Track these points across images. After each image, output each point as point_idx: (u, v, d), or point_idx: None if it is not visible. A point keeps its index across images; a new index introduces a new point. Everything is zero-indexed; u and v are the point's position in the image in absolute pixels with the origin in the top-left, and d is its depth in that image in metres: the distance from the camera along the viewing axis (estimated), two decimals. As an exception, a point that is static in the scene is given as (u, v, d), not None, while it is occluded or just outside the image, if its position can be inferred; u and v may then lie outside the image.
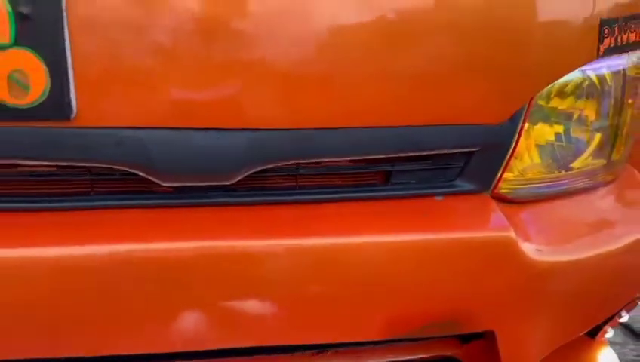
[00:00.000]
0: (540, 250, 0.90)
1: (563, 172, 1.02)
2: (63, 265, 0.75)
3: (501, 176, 0.95)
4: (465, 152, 0.92)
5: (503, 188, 0.97)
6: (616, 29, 0.96)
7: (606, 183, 1.09)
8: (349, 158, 0.88)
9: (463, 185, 0.95)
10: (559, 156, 1.01)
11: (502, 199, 0.97)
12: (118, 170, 0.79)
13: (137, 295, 0.77)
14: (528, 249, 0.89)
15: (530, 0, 0.86)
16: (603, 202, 1.06)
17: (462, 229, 0.88)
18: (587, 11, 0.92)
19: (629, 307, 1.14)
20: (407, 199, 0.93)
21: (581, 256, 0.95)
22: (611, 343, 1.29)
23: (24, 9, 0.68)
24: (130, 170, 0.79)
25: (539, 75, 0.90)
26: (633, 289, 1.07)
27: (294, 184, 0.88)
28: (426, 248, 0.86)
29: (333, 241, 0.81)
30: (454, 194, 0.94)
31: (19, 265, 0.74)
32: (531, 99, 0.92)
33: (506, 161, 0.95)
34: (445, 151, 0.91)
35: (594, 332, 1.18)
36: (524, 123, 0.93)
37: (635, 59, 1.03)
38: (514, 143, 0.94)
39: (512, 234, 0.88)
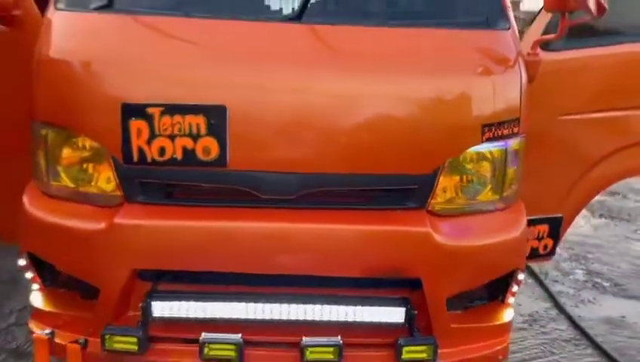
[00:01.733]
0: (444, 239, 1.81)
1: (471, 201, 1.92)
2: (228, 229, 1.77)
3: (429, 201, 1.87)
4: (410, 188, 1.85)
5: (434, 207, 1.89)
6: (493, 128, 1.87)
7: (499, 209, 1.97)
8: (349, 188, 1.85)
9: (410, 204, 1.87)
10: (469, 192, 1.92)
11: (433, 213, 1.89)
12: (245, 190, 1.79)
13: (256, 246, 1.77)
14: (438, 238, 1.81)
15: (444, 111, 1.81)
16: (493, 219, 1.95)
17: (404, 225, 1.81)
18: (475, 121, 1.84)
19: (516, 282, 1.99)
20: (380, 210, 1.87)
21: (470, 243, 1.85)
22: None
23: (212, 120, 1.71)
24: (250, 190, 1.78)
25: (445, 151, 1.83)
26: (503, 265, 1.94)
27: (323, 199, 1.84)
28: (386, 234, 1.80)
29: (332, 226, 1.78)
30: (404, 209, 1.87)
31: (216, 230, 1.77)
32: (444, 162, 1.84)
33: (432, 194, 1.86)
34: (401, 187, 1.85)
35: (502, 298, 2.04)
36: (440, 174, 1.85)
37: (511, 143, 1.92)
38: (436, 184, 1.86)
39: (429, 229, 1.80)
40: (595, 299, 3.11)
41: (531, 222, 2.42)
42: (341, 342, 1.83)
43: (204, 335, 1.82)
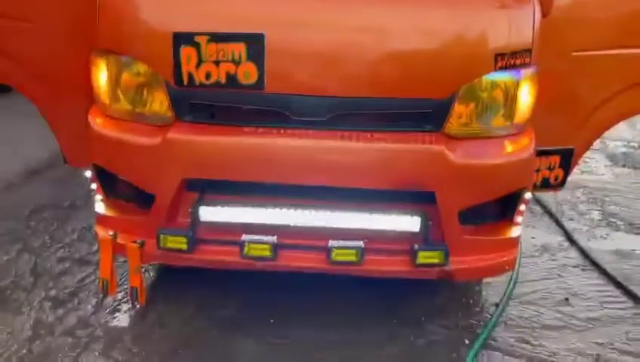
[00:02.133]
0: (457, 158, 2.03)
1: (484, 126, 2.12)
2: (265, 144, 2.02)
3: (445, 125, 2.08)
4: (428, 112, 2.06)
5: (449, 130, 2.09)
6: (506, 57, 2.05)
7: (511, 134, 2.16)
8: (373, 111, 2.07)
9: (428, 127, 2.08)
10: (482, 117, 2.12)
11: (449, 136, 2.10)
12: (279, 111, 2.03)
13: (288, 160, 2.02)
14: (451, 156, 2.02)
15: (458, 41, 1.99)
16: (504, 143, 2.14)
17: (421, 144, 2.03)
18: (488, 50, 2.02)
19: (523, 201, 2.20)
20: (401, 132, 2.09)
21: (480, 162, 2.06)
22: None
23: (251, 47, 1.94)
24: (283, 111, 2.02)
25: (460, 78, 2.02)
26: (511, 184, 2.14)
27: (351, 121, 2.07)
28: (405, 152, 2.02)
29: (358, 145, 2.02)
30: (423, 131, 2.08)
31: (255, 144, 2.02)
32: (459, 88, 2.04)
33: (448, 118, 2.07)
34: (420, 110, 2.06)
35: (511, 216, 2.25)
36: (456, 100, 2.05)
37: (523, 73, 2.10)
38: (452, 108, 2.06)
39: (443, 148, 2.01)
40: (607, 235, 3.28)
41: (543, 153, 2.61)
42: (363, 245, 2.09)
43: (244, 236, 2.10)
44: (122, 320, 2.35)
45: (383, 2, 2.03)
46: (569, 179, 3.90)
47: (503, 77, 2.09)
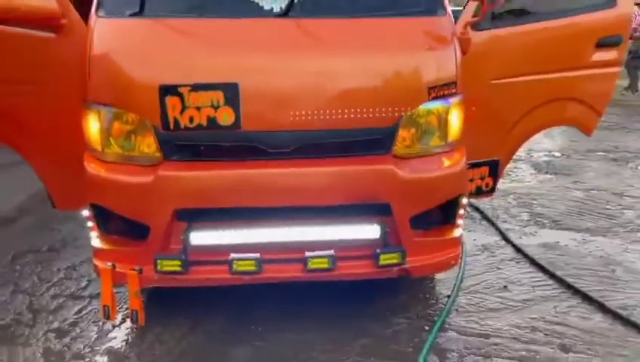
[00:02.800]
0: (405, 174, 2.45)
1: (424, 146, 2.57)
2: (243, 175, 2.37)
3: (393, 147, 2.51)
4: (378, 138, 2.49)
5: (397, 152, 2.52)
6: (436, 89, 2.52)
7: (446, 151, 2.62)
8: (332, 141, 2.47)
9: (380, 151, 2.51)
10: (423, 139, 2.57)
11: (396, 156, 2.53)
12: (253, 146, 2.40)
13: (263, 186, 2.38)
14: (400, 173, 2.45)
15: (399, 78, 2.45)
16: (441, 159, 2.60)
17: (376, 165, 2.45)
18: (421, 82, 2.48)
19: (461, 206, 2.65)
20: (357, 156, 2.50)
21: (424, 176, 2.50)
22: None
23: (228, 94, 2.31)
24: (257, 145, 2.39)
25: (401, 108, 2.46)
26: (450, 191, 2.59)
27: (314, 150, 2.46)
28: (363, 172, 2.44)
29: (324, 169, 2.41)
30: (376, 154, 2.50)
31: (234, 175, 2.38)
32: (401, 117, 2.48)
33: (394, 141, 2.50)
34: (371, 137, 2.48)
35: (453, 220, 2.69)
36: (399, 127, 2.48)
37: (451, 101, 2.57)
38: (397, 134, 2.49)
39: (393, 167, 2.44)
40: (535, 232, 3.81)
41: (475, 165, 3.11)
42: (334, 253, 2.47)
43: (232, 255, 2.44)
44: (124, 340, 2.61)
45: (336, 51, 2.48)
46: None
47: (435, 105, 2.55)
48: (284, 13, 2.51)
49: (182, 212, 2.46)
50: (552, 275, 3.14)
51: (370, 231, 2.55)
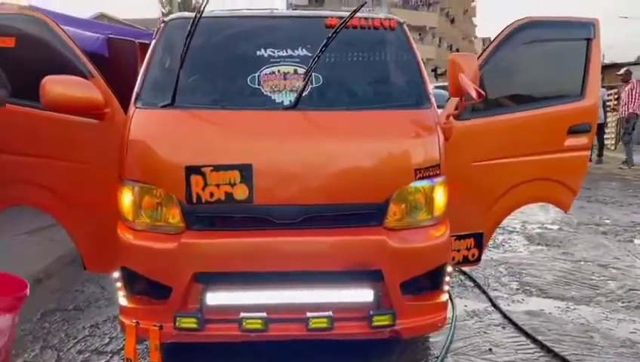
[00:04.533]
0: (396, 244, 2.82)
1: (413, 219, 2.95)
2: (254, 243, 2.75)
3: (385, 220, 2.88)
4: (372, 212, 2.87)
5: (388, 224, 2.90)
6: (422, 171, 2.93)
7: (432, 225, 2.99)
8: (333, 213, 2.86)
9: (373, 223, 2.88)
10: (411, 214, 2.95)
11: (388, 228, 2.90)
12: (264, 218, 2.79)
13: (273, 252, 2.76)
14: (391, 243, 2.81)
15: (390, 162, 2.87)
16: (428, 231, 2.96)
17: (369, 235, 2.82)
18: (408, 165, 2.89)
19: (446, 273, 2.98)
20: (353, 227, 2.87)
21: (413, 246, 2.86)
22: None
23: (243, 173, 2.73)
24: (268, 217, 2.78)
25: (392, 186, 2.86)
26: (436, 260, 2.93)
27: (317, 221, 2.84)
28: (358, 241, 2.81)
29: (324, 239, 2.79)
30: (369, 226, 2.88)
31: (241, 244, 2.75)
32: (392, 194, 2.87)
33: (386, 214, 2.88)
34: (365, 211, 2.86)
35: (439, 285, 3.02)
36: (391, 202, 2.87)
37: (436, 181, 2.97)
38: (388, 209, 2.87)
39: (385, 238, 2.81)
40: (523, 300, 4.09)
41: (461, 237, 3.47)
42: (332, 314, 2.79)
43: (242, 314, 2.77)
44: (144, 391, 2.89)
45: (336, 137, 2.92)
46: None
47: (422, 184, 2.95)
48: (293, 106, 2.98)
49: (200, 275, 2.81)
50: (534, 340, 3.41)
51: (364, 294, 2.88)
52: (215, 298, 2.84)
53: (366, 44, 3.36)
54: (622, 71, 11.94)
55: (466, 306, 3.93)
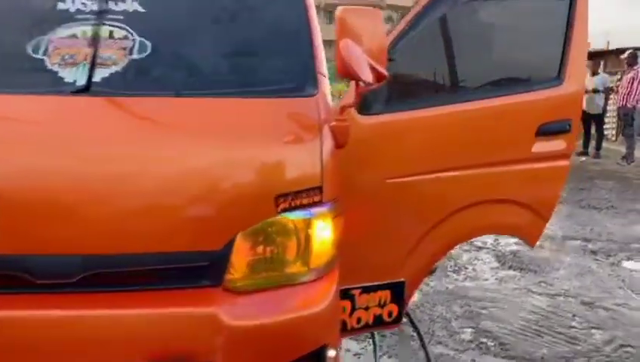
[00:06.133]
0: (234, 319, 1.70)
1: (275, 274, 1.83)
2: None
3: (225, 277, 1.77)
4: (201, 265, 1.75)
5: (233, 284, 1.78)
6: (289, 198, 1.80)
7: (309, 281, 1.87)
8: (135, 268, 1.73)
9: (204, 282, 1.77)
10: (272, 265, 1.82)
11: (231, 290, 1.78)
12: (18, 275, 1.66)
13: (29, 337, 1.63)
14: (226, 319, 1.69)
15: (229, 184, 1.74)
16: (298, 293, 1.84)
17: (188, 306, 1.70)
18: (266, 191, 1.77)
19: (326, 360, 1.87)
20: (173, 290, 1.76)
21: (264, 322, 1.74)
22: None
23: None
24: (23, 275, 1.66)
25: (234, 224, 1.74)
26: (307, 342, 1.82)
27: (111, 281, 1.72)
28: (169, 317, 1.68)
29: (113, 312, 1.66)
30: (199, 287, 1.76)
31: None
32: (235, 237, 1.75)
33: (226, 269, 1.76)
34: (189, 265, 1.75)
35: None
36: (233, 249, 1.76)
37: (315, 212, 1.85)
38: (229, 259, 1.76)
39: (215, 310, 1.69)
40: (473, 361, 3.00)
41: (371, 289, 2.35)
42: None
43: None
44: None
45: (146, 142, 1.78)
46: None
47: (290, 218, 1.83)
48: (85, 89, 1.85)
49: None
50: None
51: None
52: None
53: None
54: (626, 54, 10.73)
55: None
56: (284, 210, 1.80)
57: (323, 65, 2.14)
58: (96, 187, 1.70)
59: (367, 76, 1.75)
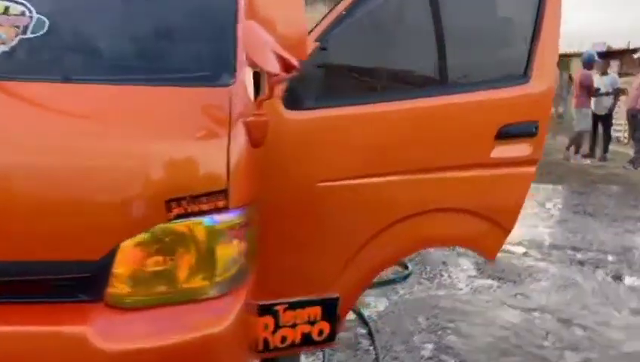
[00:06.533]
0: (108, 342, 1.46)
1: (169, 289, 1.59)
2: None
3: (106, 291, 1.53)
4: (78, 277, 1.52)
5: (118, 299, 1.55)
6: (184, 202, 1.55)
7: (213, 297, 1.62)
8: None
9: (82, 296, 1.53)
10: (164, 278, 1.58)
11: (115, 307, 1.55)
12: None
13: None
14: (97, 341, 1.44)
15: (110, 184, 1.49)
16: (194, 311, 1.60)
17: (54, 325, 1.47)
18: (155, 194, 1.52)
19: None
20: (50, 304, 1.52)
21: (148, 346, 1.50)
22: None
23: None
24: None
25: (117, 232, 1.50)
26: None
27: None
28: (35, 336, 1.45)
29: None
30: (78, 302, 1.53)
31: None
32: (117, 245, 1.51)
33: (107, 282, 1.53)
34: (64, 276, 1.51)
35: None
36: (116, 259, 1.52)
37: (219, 219, 1.60)
38: (111, 271, 1.52)
39: (84, 330, 1.45)
40: (428, 383, 2.75)
41: (297, 305, 2.10)
42: None
43: None
44: None
45: (22, 136, 1.53)
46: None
47: (183, 227, 1.59)
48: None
49: None
50: None
51: None
52: None
53: None
54: (638, 53, 10.33)
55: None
56: (179, 216, 1.56)
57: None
58: None
59: (273, 66, 1.50)
